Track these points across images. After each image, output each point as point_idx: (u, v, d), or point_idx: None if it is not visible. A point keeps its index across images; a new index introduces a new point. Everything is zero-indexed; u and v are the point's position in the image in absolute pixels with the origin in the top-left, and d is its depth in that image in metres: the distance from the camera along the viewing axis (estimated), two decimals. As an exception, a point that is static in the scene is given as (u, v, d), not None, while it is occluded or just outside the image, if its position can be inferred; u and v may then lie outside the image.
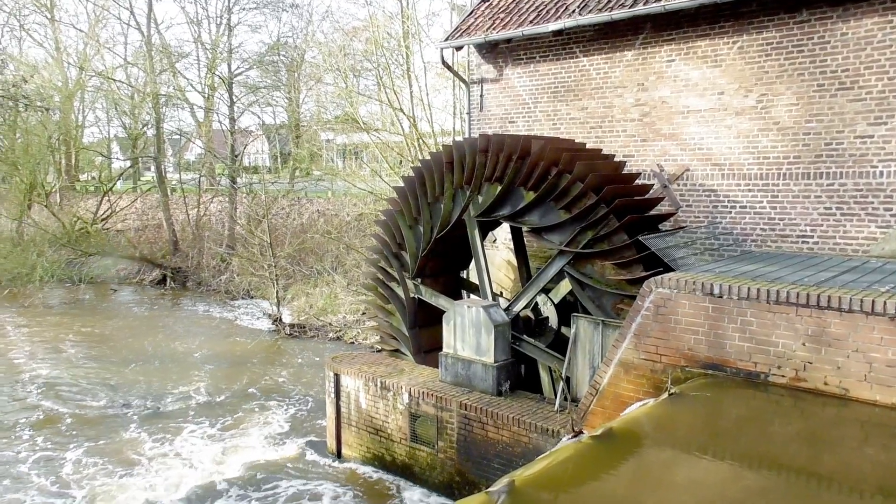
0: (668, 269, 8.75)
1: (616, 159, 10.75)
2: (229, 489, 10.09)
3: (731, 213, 10.10)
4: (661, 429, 6.15)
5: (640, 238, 8.95)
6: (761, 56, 9.65)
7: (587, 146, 10.92)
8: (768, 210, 9.77)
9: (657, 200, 9.87)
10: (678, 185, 10.52)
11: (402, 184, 11.48)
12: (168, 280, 28.38)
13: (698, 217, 10.40)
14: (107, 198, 32.34)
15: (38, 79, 30.16)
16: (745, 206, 9.95)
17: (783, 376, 6.43)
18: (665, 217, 9.90)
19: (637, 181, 10.35)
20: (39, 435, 12.35)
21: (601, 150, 10.92)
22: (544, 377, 10.29)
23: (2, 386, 15.21)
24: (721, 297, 6.74)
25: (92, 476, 10.63)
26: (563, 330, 10.26)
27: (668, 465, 5.23)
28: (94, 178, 40.96)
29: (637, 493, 4.81)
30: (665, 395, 6.56)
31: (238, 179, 30.08)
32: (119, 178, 36.47)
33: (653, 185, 10.52)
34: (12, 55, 32.87)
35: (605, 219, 9.04)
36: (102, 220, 31.40)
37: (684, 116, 10.39)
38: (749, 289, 6.58)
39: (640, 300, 7.35)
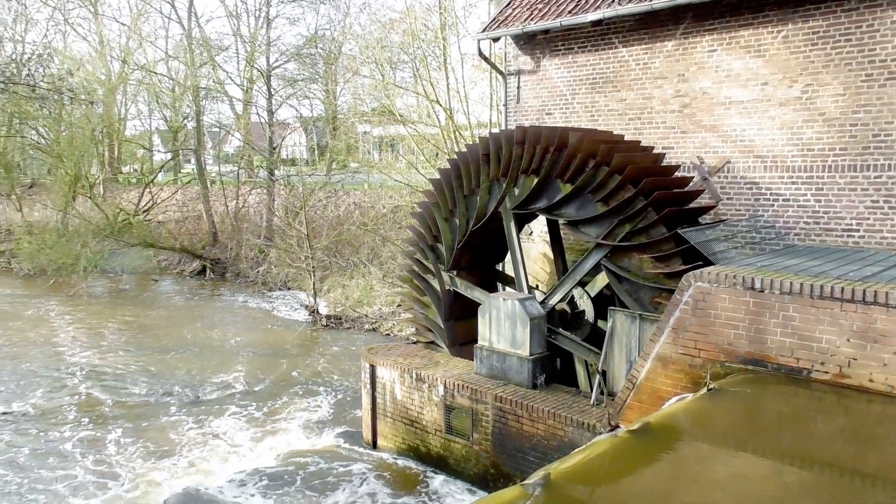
0: (708, 262, 8.61)
1: (655, 151, 10.60)
2: (266, 476, 10.24)
3: (773, 206, 9.88)
4: (700, 424, 6.08)
5: (678, 231, 8.82)
6: (807, 45, 9.40)
7: (625, 138, 10.78)
8: (812, 203, 9.53)
9: (697, 193, 9.71)
10: (719, 177, 10.33)
11: (438, 176, 11.48)
12: (207, 271, 28.90)
13: (739, 210, 10.20)
14: (148, 189, 33.00)
15: (83, 72, 30.86)
16: (789, 199, 9.73)
17: (826, 373, 6.29)
18: (705, 210, 9.74)
19: (676, 173, 10.19)
20: (83, 419, 12.69)
21: (640, 141, 10.78)
22: (580, 371, 10.23)
23: (47, 372, 15.67)
24: (763, 291, 6.61)
25: (133, 458, 10.90)
26: (600, 323, 10.17)
27: (705, 461, 5.16)
28: (135, 170, 41.81)
29: (674, 488, 4.76)
30: (704, 391, 6.48)
31: (276, 171, 30.41)
32: (160, 171, 37.17)
33: (692, 177, 10.35)
34: (57, 49, 33.64)
35: (644, 211, 8.93)
36: (144, 211, 32.04)
37: (726, 108, 10.18)
38: (792, 283, 6.45)
39: (679, 294, 7.26)
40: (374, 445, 11.34)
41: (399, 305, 19.95)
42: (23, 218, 33.00)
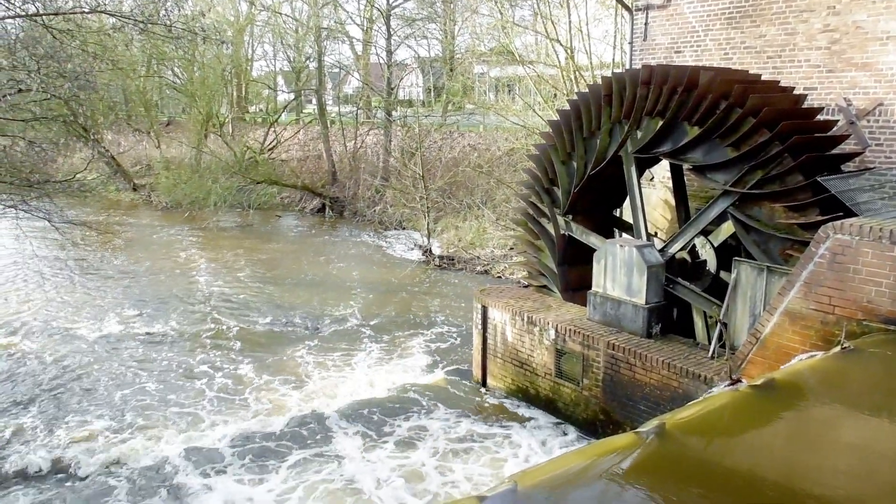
0: (850, 213, 7.96)
1: (795, 92, 9.80)
2: (379, 408, 10.67)
3: (929, 154, 8.97)
4: (829, 384, 5.73)
5: (818, 179, 8.18)
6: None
7: (762, 78, 10.03)
8: (977, 151, 8.57)
9: (841, 138, 8.93)
10: (867, 121, 9.44)
11: (556, 117, 11.19)
12: (327, 209, 29.93)
13: (890, 157, 9.32)
14: (272, 129, 34.25)
15: (213, 14, 32.06)
16: (948, 147, 8.79)
17: (982, 338, 5.74)
18: (849, 157, 8.97)
19: (818, 117, 9.39)
20: (215, 343, 13.65)
21: (778, 82, 9.98)
22: (698, 322, 9.87)
23: (183, 298, 16.91)
24: (912, 246, 6.06)
25: (259, 383, 11.63)
26: (722, 274, 9.73)
27: (832, 423, 4.87)
28: (261, 109, 43.45)
29: (795, 449, 4.54)
30: (836, 349, 6.08)
31: (393, 112, 30.70)
32: (284, 110, 38.42)
33: (837, 121, 9.51)
34: (191, -9, 35.06)
35: (779, 157, 8.33)
36: (269, 149, 33.36)
37: (882, 43, 9.22)
38: (948, 239, 5.86)
39: (814, 246, 6.78)
40: (484, 384, 11.53)
41: (511, 248, 19.92)
42: (161, 154, 35.28)
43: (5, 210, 12.63)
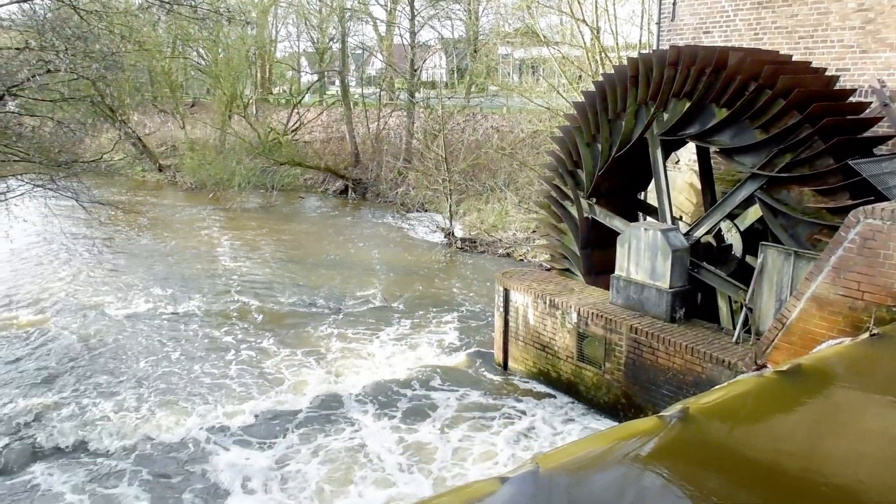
0: (882, 198, 7.79)
1: (827, 74, 9.58)
2: (399, 387, 10.75)
3: (965, 137, 8.74)
4: (857, 371, 5.64)
5: (849, 162, 8.01)
6: None
7: (794, 59, 9.82)
8: None
9: (874, 121, 8.73)
10: (901, 103, 9.22)
11: (581, 99, 11.07)
12: (349, 191, 29.99)
13: (923, 141, 9.10)
14: (296, 110, 34.31)
15: (238, -6, 32.08)
16: None
17: None
18: (882, 140, 8.76)
19: (851, 99, 9.18)
20: (238, 322, 13.80)
21: (810, 63, 9.77)
22: (723, 307, 9.78)
23: (208, 277, 17.10)
24: (946, 231, 5.92)
25: (282, 362, 11.75)
26: (748, 259, 9.61)
27: (859, 411, 4.80)
28: (284, 90, 43.54)
29: (819, 435, 4.48)
30: (865, 336, 5.98)
31: (416, 94, 30.59)
32: (307, 92, 38.46)
33: (870, 103, 9.29)
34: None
35: (809, 140, 8.17)
36: (292, 131, 33.45)
37: (917, 23, 8.97)
38: (984, 224, 5.72)
39: (844, 231, 6.66)
40: (505, 367, 11.54)
41: (534, 231, 19.84)
42: (185, 135, 35.54)
43: (34, 189, 12.84)
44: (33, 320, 13.83)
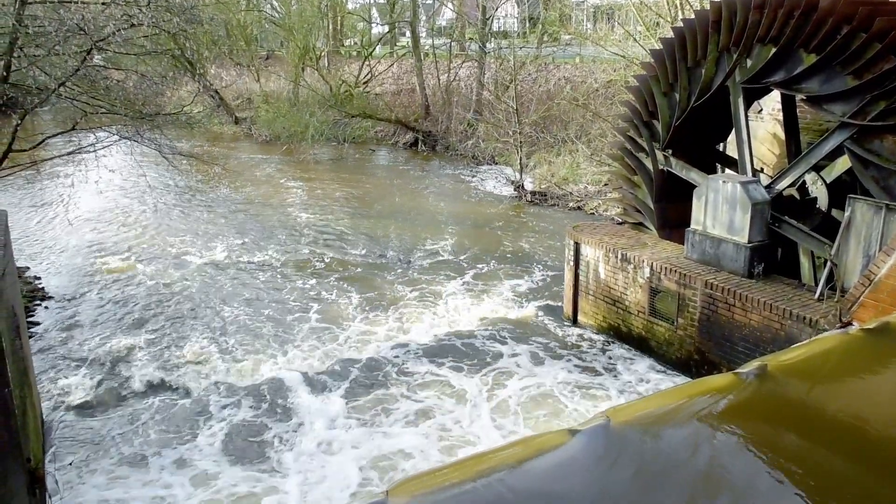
0: None
1: (930, 14, 8.91)
2: (469, 339, 10.86)
3: None
4: (950, 331, 5.37)
5: (950, 111, 7.49)
6: None
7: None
8: None
9: (981, 65, 8.10)
10: None
11: (658, 46, 10.65)
12: (420, 143, 30.00)
13: None
14: (367, 62, 34.33)
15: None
16: None
17: None
18: None
19: (955, 41, 8.53)
20: (312, 272, 14.17)
21: (911, 3, 9.09)
22: (805, 263, 9.41)
23: (282, 228, 17.56)
24: None
25: (354, 312, 12.04)
26: (834, 213, 9.18)
27: (952, 372, 4.59)
28: (356, 42, 43.52)
29: (907, 396, 4.31)
30: (960, 295, 5.67)
31: (487, 44, 30.09)
32: (378, 43, 38.35)
33: (978, 46, 8.61)
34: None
35: (907, 86, 7.66)
36: (363, 83, 33.53)
37: None
38: None
39: (943, 184, 6.26)
40: (574, 321, 11.50)
41: (606, 184, 19.46)
42: (260, 88, 36.12)
43: (121, 140, 13.38)
44: (122, 266, 14.57)
